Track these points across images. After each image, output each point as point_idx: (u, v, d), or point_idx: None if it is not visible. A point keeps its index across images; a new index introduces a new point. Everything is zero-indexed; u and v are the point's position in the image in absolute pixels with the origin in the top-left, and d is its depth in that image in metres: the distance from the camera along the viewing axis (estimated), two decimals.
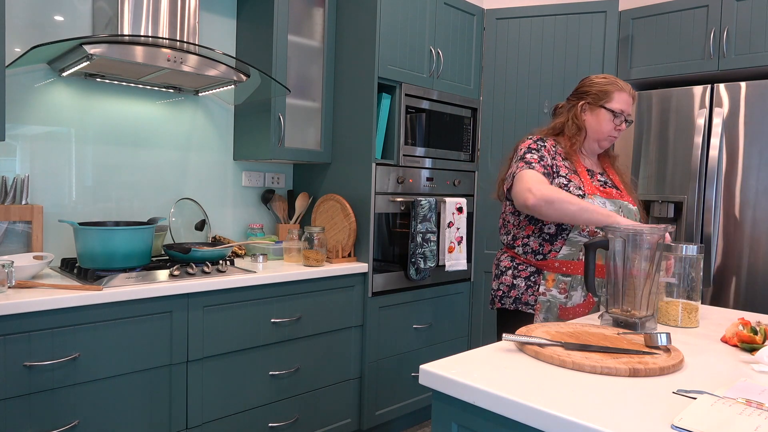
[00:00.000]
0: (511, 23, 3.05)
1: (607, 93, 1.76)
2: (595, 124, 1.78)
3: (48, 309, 1.68)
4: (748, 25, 2.57)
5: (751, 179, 2.50)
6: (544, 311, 1.70)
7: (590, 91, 1.79)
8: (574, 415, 0.87)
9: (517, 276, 1.78)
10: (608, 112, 1.76)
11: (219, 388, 2.11)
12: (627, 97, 1.77)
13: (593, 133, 1.80)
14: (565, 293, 1.70)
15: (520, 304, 1.76)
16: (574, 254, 1.70)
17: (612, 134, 1.79)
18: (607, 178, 1.84)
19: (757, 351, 1.19)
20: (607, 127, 1.77)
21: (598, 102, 1.77)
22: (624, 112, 1.77)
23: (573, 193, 1.66)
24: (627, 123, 1.79)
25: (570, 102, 1.84)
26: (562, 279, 1.70)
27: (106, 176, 2.37)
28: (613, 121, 1.77)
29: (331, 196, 2.68)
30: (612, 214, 1.56)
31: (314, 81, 2.73)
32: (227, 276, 2.12)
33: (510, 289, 1.79)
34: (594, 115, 1.78)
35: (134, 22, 2.09)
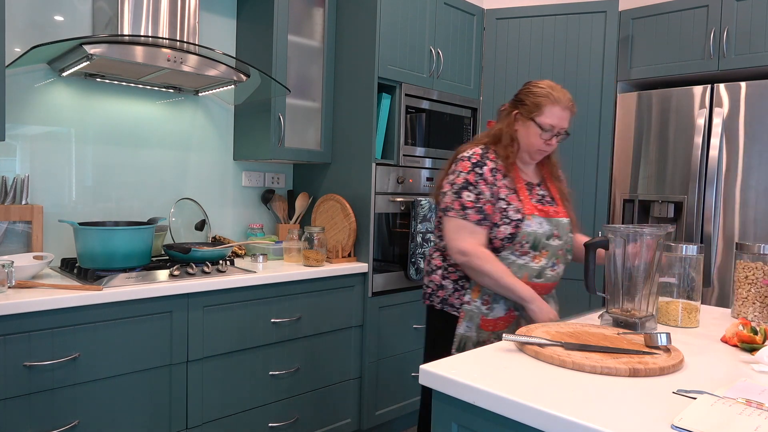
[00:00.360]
0: (511, 23, 3.05)
1: (538, 106, 1.68)
2: (524, 137, 1.72)
3: (48, 309, 1.68)
4: (748, 25, 2.57)
5: (751, 179, 2.50)
6: (467, 319, 1.70)
7: (524, 100, 1.72)
8: (574, 415, 0.87)
9: (446, 277, 1.76)
10: (537, 126, 1.68)
11: (219, 388, 2.11)
12: (560, 111, 1.68)
13: (524, 145, 1.73)
14: (487, 305, 1.69)
15: (446, 305, 1.75)
16: None
17: (542, 149, 1.72)
18: (545, 189, 1.80)
19: (757, 351, 1.19)
20: (536, 142, 1.70)
21: (529, 114, 1.69)
22: (555, 127, 1.68)
23: (512, 218, 1.65)
24: (559, 137, 1.71)
25: (509, 108, 1.78)
26: (487, 291, 1.68)
27: (106, 176, 2.37)
28: (541, 136, 1.69)
29: (331, 196, 2.68)
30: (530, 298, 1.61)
31: (314, 81, 2.73)
32: (227, 276, 2.12)
33: (438, 288, 1.78)
34: (525, 127, 1.71)
35: (134, 22, 2.09)
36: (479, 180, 1.66)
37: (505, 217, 1.66)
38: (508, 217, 1.66)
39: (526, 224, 1.66)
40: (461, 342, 1.70)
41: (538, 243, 1.66)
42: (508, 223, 1.65)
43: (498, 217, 1.66)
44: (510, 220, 1.66)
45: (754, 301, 1.55)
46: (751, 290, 1.55)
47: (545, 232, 1.68)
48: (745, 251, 1.57)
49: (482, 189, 1.66)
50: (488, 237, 1.67)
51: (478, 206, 1.65)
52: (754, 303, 1.54)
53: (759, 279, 1.54)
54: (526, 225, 1.66)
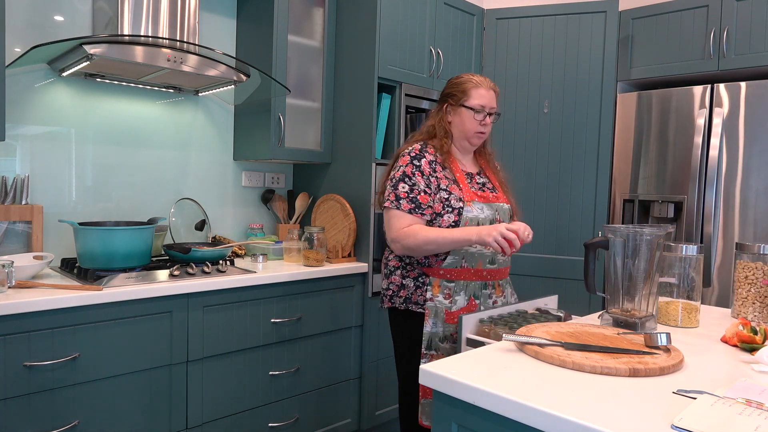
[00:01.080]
0: (511, 23, 3.05)
1: (464, 92, 1.81)
2: (459, 124, 1.83)
3: (48, 309, 1.68)
4: (748, 25, 2.57)
5: (751, 179, 2.50)
6: (432, 316, 1.75)
7: (450, 92, 1.85)
8: (574, 415, 0.87)
9: (406, 276, 1.83)
10: (468, 110, 1.80)
11: (219, 388, 2.11)
12: (484, 91, 1.81)
13: (460, 133, 1.84)
14: (449, 298, 1.76)
15: (410, 303, 1.81)
16: (457, 262, 1.76)
17: (478, 130, 1.82)
18: (485, 177, 1.90)
19: (757, 351, 1.19)
20: (471, 125, 1.82)
21: (458, 102, 1.82)
22: (485, 107, 1.81)
23: (454, 206, 1.74)
24: (492, 116, 1.83)
25: (437, 105, 1.90)
26: (446, 285, 1.76)
27: (106, 176, 2.37)
28: (475, 117, 1.80)
29: (331, 196, 2.68)
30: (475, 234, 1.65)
31: (314, 81, 2.73)
32: (227, 276, 2.12)
33: (399, 288, 1.84)
34: (457, 115, 1.83)
35: (134, 22, 2.09)
36: (416, 172, 1.77)
37: (447, 206, 1.74)
38: (450, 205, 1.74)
39: (467, 210, 1.74)
40: (429, 340, 1.76)
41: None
42: (450, 212, 1.74)
43: (440, 207, 1.75)
44: (452, 208, 1.74)
45: (754, 301, 1.55)
46: (751, 290, 1.55)
47: (487, 216, 1.77)
48: (745, 251, 1.57)
49: (417, 180, 1.76)
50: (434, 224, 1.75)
51: (411, 196, 1.75)
52: (754, 303, 1.54)
53: (759, 279, 1.54)
54: (467, 211, 1.74)
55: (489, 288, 1.82)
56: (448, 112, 1.86)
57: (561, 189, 2.96)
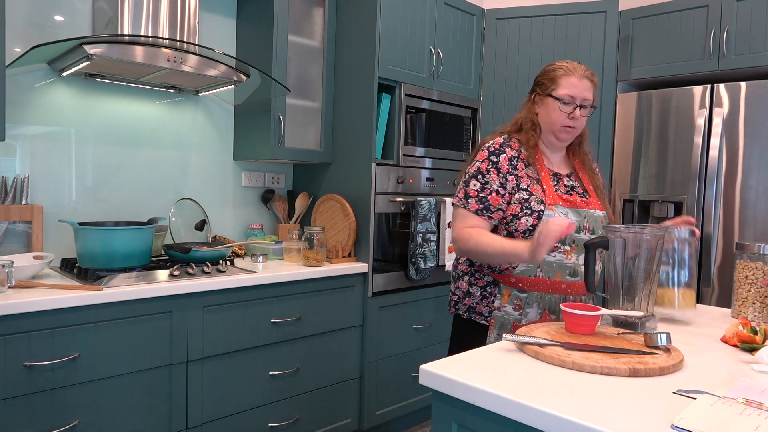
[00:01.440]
0: (511, 23, 3.05)
1: (553, 80, 1.62)
2: (545, 116, 1.64)
3: (48, 309, 1.68)
4: (748, 25, 2.57)
5: (751, 179, 2.50)
6: (498, 327, 1.60)
7: (541, 80, 1.67)
8: (574, 415, 0.87)
9: (473, 284, 1.66)
10: (555, 100, 1.61)
11: (219, 388, 2.11)
12: (576, 80, 1.60)
13: (546, 125, 1.65)
14: (519, 310, 1.58)
15: (474, 313, 1.65)
16: (531, 270, 1.57)
17: (566, 124, 1.61)
18: (576, 180, 1.70)
19: (757, 351, 1.19)
20: (558, 117, 1.61)
21: (545, 91, 1.63)
22: (575, 98, 1.59)
23: (534, 208, 1.55)
24: (583, 109, 1.61)
25: (528, 95, 1.73)
26: (518, 294, 1.59)
27: (106, 176, 2.37)
28: (561, 109, 1.60)
29: (331, 196, 2.68)
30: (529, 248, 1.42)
31: (314, 81, 2.73)
32: (227, 276, 2.12)
33: (465, 296, 1.68)
34: (544, 106, 1.65)
35: (134, 22, 2.09)
36: (492, 169, 1.60)
37: (526, 207, 1.56)
38: (530, 207, 1.56)
39: (548, 215, 1.55)
40: None
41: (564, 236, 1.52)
42: (529, 215, 1.55)
43: (518, 209, 1.57)
44: (531, 211, 1.55)
45: (754, 301, 1.55)
46: (751, 290, 1.55)
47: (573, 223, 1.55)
48: (745, 251, 1.57)
49: (491, 178, 1.59)
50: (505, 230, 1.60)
51: (481, 196, 1.59)
52: (754, 303, 1.54)
53: (759, 279, 1.54)
54: (548, 215, 1.54)
55: None
56: (536, 103, 1.67)
57: None
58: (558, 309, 1.56)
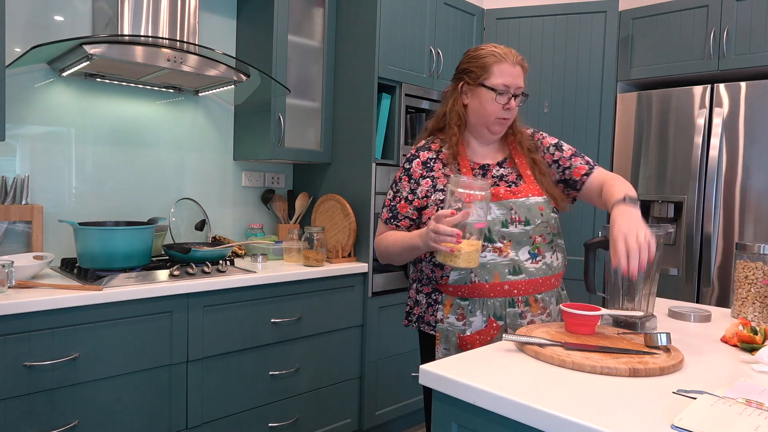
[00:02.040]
0: (511, 23, 3.05)
1: (484, 67, 1.46)
2: (478, 107, 1.49)
3: (48, 309, 1.68)
4: (748, 25, 2.57)
5: (751, 179, 2.50)
6: (443, 341, 1.49)
7: (468, 68, 1.50)
8: (574, 415, 0.87)
9: (420, 291, 1.56)
10: (489, 90, 1.46)
11: (219, 388, 2.11)
12: (510, 66, 1.46)
13: (478, 118, 1.50)
14: (463, 319, 1.46)
15: (422, 323, 1.55)
16: (465, 277, 1.45)
17: (501, 116, 1.48)
18: (510, 166, 1.55)
19: (757, 351, 1.19)
20: (492, 109, 1.47)
21: (476, 80, 1.48)
22: (509, 87, 1.46)
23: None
24: (517, 98, 1.48)
25: (453, 84, 1.56)
26: (459, 303, 1.47)
27: (106, 176, 2.37)
28: (497, 100, 1.46)
29: (331, 196, 2.68)
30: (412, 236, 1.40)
31: (314, 81, 2.73)
32: (227, 276, 2.12)
33: (414, 305, 1.58)
34: (475, 96, 1.49)
35: (134, 22, 2.09)
36: (404, 176, 1.55)
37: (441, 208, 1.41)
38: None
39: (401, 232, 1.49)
40: None
41: (489, 233, 1.43)
42: None
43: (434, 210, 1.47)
44: None
45: (754, 301, 1.55)
46: (751, 290, 1.55)
47: (495, 218, 1.44)
48: (745, 251, 1.57)
49: (402, 186, 1.54)
50: None
51: (391, 204, 1.55)
52: (754, 303, 1.54)
53: (759, 279, 1.54)
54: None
55: (519, 305, 1.45)
56: (465, 93, 1.52)
57: None
58: (505, 314, 1.45)
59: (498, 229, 1.44)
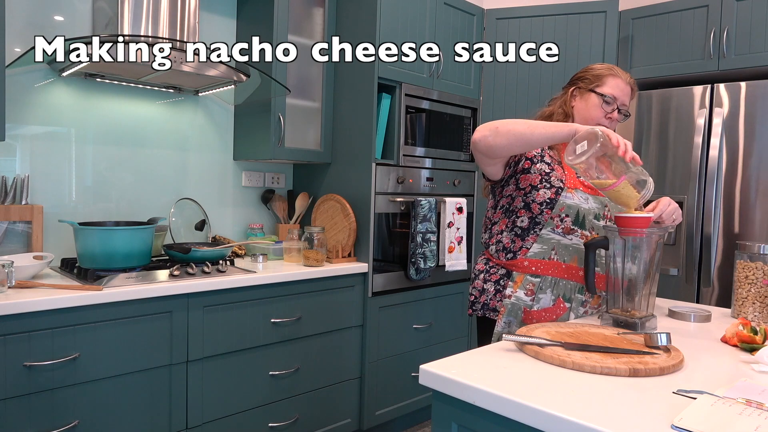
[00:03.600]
0: (511, 23, 3.05)
1: (600, 77, 1.62)
2: (583, 110, 1.63)
3: (48, 309, 1.68)
4: (748, 25, 2.57)
5: (751, 179, 2.50)
6: (506, 314, 1.54)
7: (584, 76, 1.66)
8: (574, 415, 0.87)
9: (488, 280, 1.63)
10: (598, 96, 1.60)
11: (219, 388, 2.11)
12: (623, 84, 1.61)
13: (581, 119, 1.63)
14: (532, 295, 1.53)
15: (488, 310, 1.61)
16: (546, 252, 1.54)
17: (602, 123, 1.60)
18: None
19: (757, 351, 1.19)
20: (596, 114, 1.60)
21: (589, 86, 1.63)
22: (617, 99, 1.59)
23: (553, 183, 1.53)
24: (621, 114, 1.61)
25: (563, 89, 1.72)
26: (531, 280, 1.54)
27: (106, 176, 2.37)
28: (602, 107, 1.60)
29: (331, 196, 2.68)
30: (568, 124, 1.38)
31: (314, 81, 2.73)
32: (227, 276, 2.12)
33: (480, 294, 1.65)
34: (583, 100, 1.63)
35: (134, 22, 2.09)
36: None
37: (545, 180, 1.54)
38: (549, 181, 1.54)
39: (567, 196, 1.52)
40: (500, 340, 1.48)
41: (582, 219, 1.51)
42: (548, 188, 1.53)
43: (537, 179, 1.55)
44: (551, 186, 1.54)
45: (754, 301, 1.55)
46: (751, 290, 1.55)
47: (591, 208, 1.54)
48: (745, 251, 1.57)
49: None
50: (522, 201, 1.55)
51: None
52: (754, 303, 1.54)
53: (759, 279, 1.54)
54: (566, 197, 1.52)
55: (586, 293, 1.54)
56: (574, 96, 1.66)
57: None
58: (572, 298, 1.52)
59: (591, 219, 1.54)
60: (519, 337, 1.21)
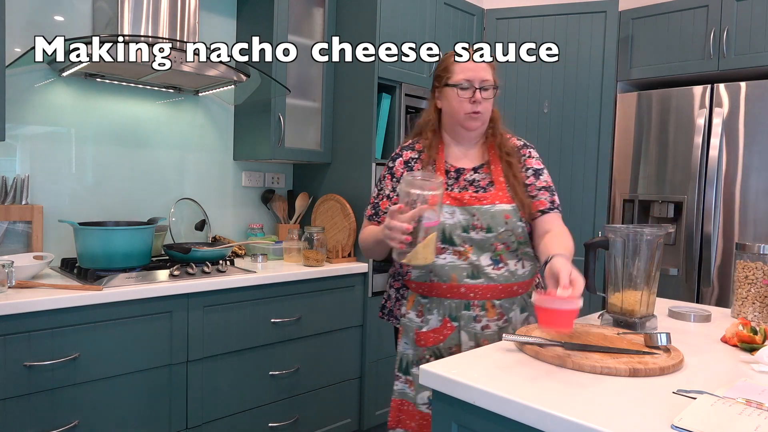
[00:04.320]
0: (511, 23, 3.05)
1: (447, 69, 1.54)
2: (447, 107, 1.55)
3: (48, 309, 1.68)
4: (748, 25, 2.57)
5: (751, 179, 2.51)
6: (404, 334, 1.55)
7: (437, 74, 1.58)
8: (574, 415, 0.87)
9: (392, 286, 1.64)
10: (452, 88, 1.51)
11: (219, 388, 2.11)
12: (471, 63, 1.51)
13: (450, 118, 1.55)
14: (422, 317, 1.52)
15: (391, 316, 1.62)
16: (425, 275, 1.50)
17: (469, 111, 1.50)
18: (485, 172, 1.56)
19: (757, 351, 1.19)
20: (459, 105, 1.51)
21: (443, 83, 1.54)
22: (472, 80, 1.49)
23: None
24: (484, 91, 1.50)
25: (431, 94, 1.65)
26: (420, 300, 1.53)
27: (106, 176, 2.37)
28: (460, 95, 1.50)
29: (331, 196, 2.68)
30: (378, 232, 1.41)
31: (314, 81, 2.73)
32: (227, 276, 2.12)
33: (387, 299, 1.65)
34: (443, 98, 1.56)
35: (134, 22, 2.09)
36: (387, 174, 1.62)
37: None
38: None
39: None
40: (402, 361, 1.54)
41: (450, 236, 1.46)
42: None
43: None
44: None
45: (754, 301, 1.55)
46: (751, 290, 1.55)
47: (457, 222, 1.46)
48: (745, 251, 1.57)
49: (385, 184, 1.61)
50: None
51: (375, 202, 1.61)
52: (754, 303, 1.55)
53: (759, 279, 1.54)
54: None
55: (475, 308, 1.48)
56: (437, 98, 1.59)
57: (561, 189, 2.96)
58: (459, 315, 1.48)
59: (459, 233, 1.47)
60: (519, 337, 1.21)
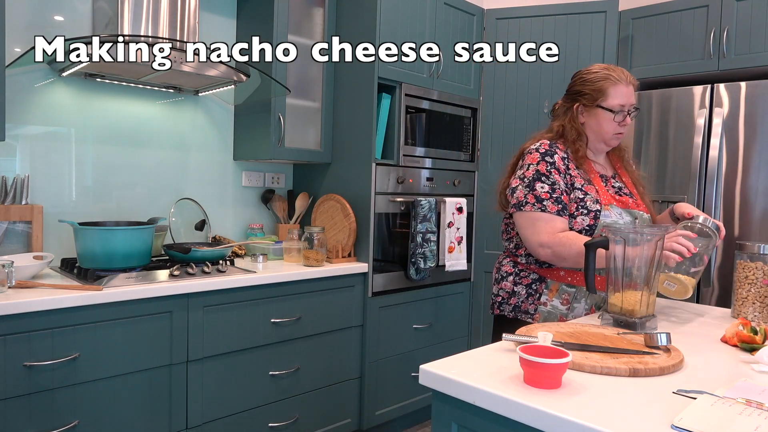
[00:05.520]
0: (511, 23, 3.05)
1: (601, 90, 1.62)
2: (595, 126, 1.66)
3: (48, 309, 1.68)
4: (748, 25, 2.57)
5: (751, 179, 2.50)
6: (542, 321, 1.60)
7: (583, 90, 1.66)
8: (574, 415, 0.87)
9: (518, 283, 1.68)
10: (606, 111, 1.62)
11: (219, 388, 2.11)
12: (624, 87, 1.62)
13: (596, 135, 1.67)
14: (567, 305, 1.59)
15: (520, 312, 1.67)
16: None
17: (618, 131, 1.65)
18: (620, 181, 1.73)
19: (757, 351, 1.19)
20: (609, 127, 1.64)
21: (593, 102, 1.63)
22: (624, 106, 1.62)
23: (590, 208, 1.57)
24: (632, 115, 1.64)
25: (566, 104, 1.72)
26: (566, 289, 1.60)
27: (106, 176, 2.37)
28: (614, 119, 1.62)
29: (331, 196, 2.68)
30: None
31: (314, 81, 2.73)
32: (227, 276, 2.12)
33: (510, 296, 1.69)
34: (592, 116, 1.65)
35: (134, 22, 2.09)
36: (551, 169, 1.59)
37: (582, 207, 1.57)
38: (586, 207, 1.57)
39: (605, 215, 1.56)
40: None
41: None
42: (585, 214, 1.56)
43: (574, 207, 1.58)
44: (588, 211, 1.56)
45: (754, 301, 1.55)
46: (751, 290, 1.55)
47: (627, 223, 1.58)
48: (745, 251, 1.57)
49: (556, 179, 1.58)
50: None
51: (554, 196, 1.56)
52: (754, 303, 1.54)
53: (759, 279, 1.54)
54: (605, 216, 1.56)
55: None
56: (581, 113, 1.67)
57: None
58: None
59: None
60: (519, 337, 1.21)
